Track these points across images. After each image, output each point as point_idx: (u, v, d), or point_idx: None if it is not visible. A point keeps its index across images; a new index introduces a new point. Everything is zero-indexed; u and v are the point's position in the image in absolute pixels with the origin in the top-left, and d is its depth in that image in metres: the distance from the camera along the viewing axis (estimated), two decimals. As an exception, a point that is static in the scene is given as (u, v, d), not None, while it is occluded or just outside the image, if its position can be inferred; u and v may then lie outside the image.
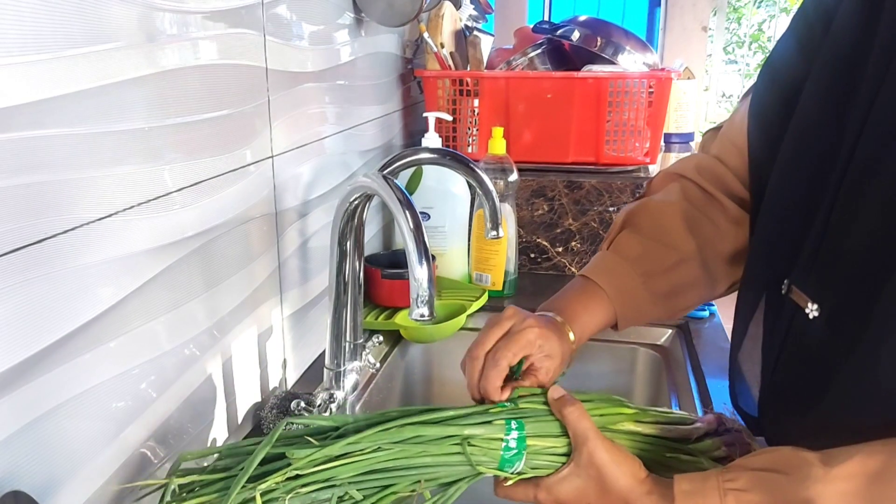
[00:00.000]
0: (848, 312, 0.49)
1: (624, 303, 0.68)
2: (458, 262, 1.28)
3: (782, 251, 0.57)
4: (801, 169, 0.56)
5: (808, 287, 0.53)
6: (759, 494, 0.47)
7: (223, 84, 0.71)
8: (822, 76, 0.56)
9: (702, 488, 0.50)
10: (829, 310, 0.51)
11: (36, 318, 0.49)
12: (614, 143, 1.36)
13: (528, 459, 0.58)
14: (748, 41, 5.71)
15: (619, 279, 0.69)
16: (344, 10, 1.05)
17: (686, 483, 0.51)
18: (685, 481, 0.51)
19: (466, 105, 1.41)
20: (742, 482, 0.48)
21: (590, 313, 0.68)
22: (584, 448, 0.56)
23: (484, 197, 0.83)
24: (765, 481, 0.48)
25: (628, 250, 0.70)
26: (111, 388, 0.58)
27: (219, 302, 0.73)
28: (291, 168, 0.89)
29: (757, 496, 0.47)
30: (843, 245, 0.50)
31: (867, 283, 0.47)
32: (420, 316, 0.61)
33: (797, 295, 0.54)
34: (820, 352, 0.51)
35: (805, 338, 0.53)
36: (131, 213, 0.58)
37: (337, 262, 0.78)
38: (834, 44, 0.54)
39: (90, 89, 0.53)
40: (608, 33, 1.38)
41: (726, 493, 0.48)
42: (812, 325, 0.52)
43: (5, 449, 0.48)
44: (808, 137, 0.57)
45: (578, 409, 0.57)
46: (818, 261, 0.52)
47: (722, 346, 1.08)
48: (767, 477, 0.48)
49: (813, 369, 0.51)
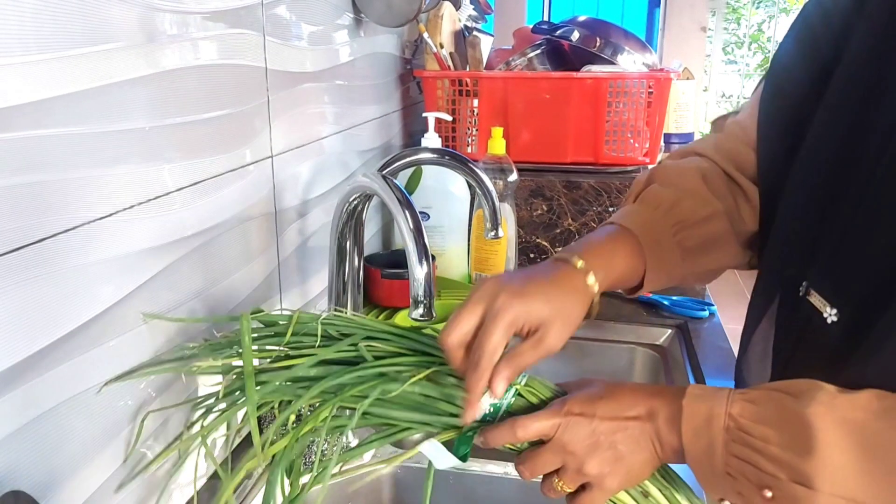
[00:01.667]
0: (867, 320, 0.48)
1: (654, 252, 0.63)
2: (457, 262, 1.28)
3: (801, 251, 0.56)
4: (822, 168, 0.56)
5: (826, 291, 0.52)
6: (762, 406, 0.48)
7: (223, 84, 0.71)
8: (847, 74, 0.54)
9: (713, 394, 0.51)
10: (848, 315, 0.50)
11: (36, 318, 0.49)
12: (613, 143, 1.36)
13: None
14: (747, 41, 5.72)
15: (651, 226, 0.63)
16: (343, 11, 1.05)
17: (697, 388, 0.52)
18: (697, 387, 0.52)
19: (466, 105, 1.41)
20: (753, 394, 0.49)
21: (619, 257, 0.62)
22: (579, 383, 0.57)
23: (483, 197, 0.83)
24: (773, 398, 0.48)
25: (658, 201, 0.65)
26: (111, 388, 0.58)
27: (218, 301, 0.73)
28: (291, 168, 0.89)
29: (760, 408, 0.48)
30: (864, 250, 0.49)
31: (888, 291, 0.46)
32: (420, 316, 0.61)
33: (815, 297, 0.53)
34: (835, 357, 0.50)
35: (820, 341, 0.52)
36: (131, 213, 0.58)
37: (336, 261, 0.78)
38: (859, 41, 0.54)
39: (90, 89, 0.53)
40: (607, 34, 1.38)
41: (733, 399, 0.49)
42: (829, 330, 0.51)
43: (5, 448, 0.48)
44: (829, 138, 0.56)
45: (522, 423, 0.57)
46: (838, 264, 0.52)
47: (721, 346, 1.08)
48: (778, 395, 0.49)
49: (826, 374, 0.50)
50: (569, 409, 0.54)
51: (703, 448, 0.50)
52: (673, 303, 1.20)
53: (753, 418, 0.48)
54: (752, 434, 0.48)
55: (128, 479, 0.61)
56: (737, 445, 0.48)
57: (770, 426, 0.47)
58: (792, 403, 0.47)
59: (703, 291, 1.30)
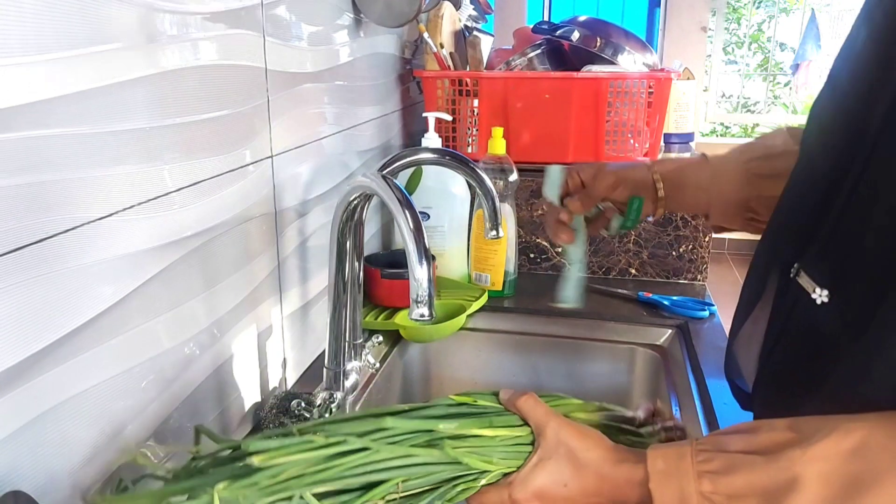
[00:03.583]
0: (856, 304, 0.48)
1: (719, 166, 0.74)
2: (457, 262, 1.28)
3: (797, 234, 0.56)
4: (826, 153, 0.55)
5: (817, 273, 0.52)
6: (736, 476, 0.47)
7: (223, 84, 0.71)
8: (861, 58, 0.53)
9: (676, 469, 0.49)
10: (837, 298, 0.49)
11: (36, 318, 0.49)
12: (614, 143, 1.36)
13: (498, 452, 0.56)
14: (748, 41, 5.72)
15: (723, 158, 0.74)
16: (343, 11, 1.05)
17: (661, 461, 0.50)
18: (659, 459, 0.50)
19: (466, 105, 1.41)
20: (717, 464, 0.48)
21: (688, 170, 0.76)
22: (547, 429, 0.55)
23: (484, 197, 0.83)
24: (741, 463, 0.47)
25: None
26: (111, 388, 0.58)
27: (218, 301, 0.74)
28: (291, 168, 0.89)
29: (734, 478, 0.47)
30: (857, 235, 0.48)
31: (878, 278, 0.46)
32: (420, 316, 0.61)
33: (805, 279, 0.53)
34: (822, 340, 0.50)
35: (808, 323, 0.52)
36: (131, 213, 0.58)
37: (336, 261, 0.78)
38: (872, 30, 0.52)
39: (91, 89, 0.53)
40: (608, 34, 1.38)
41: (701, 476, 0.48)
42: (817, 312, 0.50)
43: (5, 448, 0.48)
44: (835, 123, 0.55)
45: (531, 399, 0.58)
46: (830, 248, 0.51)
47: (721, 346, 1.08)
48: (743, 459, 0.47)
49: (812, 356, 0.50)
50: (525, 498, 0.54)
51: None
52: (673, 303, 1.20)
53: (728, 493, 0.47)
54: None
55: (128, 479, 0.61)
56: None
57: (746, 499, 0.46)
58: (766, 466, 0.46)
59: (703, 291, 1.30)
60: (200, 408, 0.72)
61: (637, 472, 0.51)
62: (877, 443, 0.42)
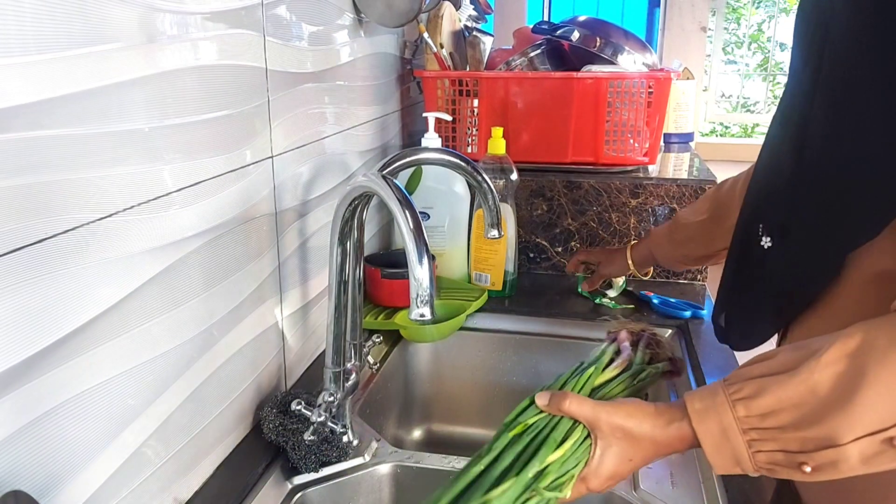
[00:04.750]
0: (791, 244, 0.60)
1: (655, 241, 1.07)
2: (457, 262, 1.28)
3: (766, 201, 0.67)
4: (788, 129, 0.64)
5: (767, 229, 0.64)
6: (765, 397, 0.52)
7: (223, 85, 0.71)
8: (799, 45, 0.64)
9: (713, 404, 0.55)
10: (784, 243, 0.61)
11: (36, 318, 0.49)
12: (613, 143, 1.36)
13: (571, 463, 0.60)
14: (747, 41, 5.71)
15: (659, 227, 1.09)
16: (343, 11, 1.05)
17: (697, 402, 0.56)
18: (696, 400, 0.56)
19: (466, 105, 1.41)
20: (747, 391, 0.53)
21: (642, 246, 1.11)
22: (599, 422, 0.60)
23: (483, 197, 0.83)
24: (767, 384, 0.52)
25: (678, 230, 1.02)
26: (111, 388, 0.58)
27: (218, 302, 0.74)
28: (291, 168, 0.89)
29: (764, 398, 0.52)
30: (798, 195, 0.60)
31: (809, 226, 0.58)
32: (420, 316, 0.61)
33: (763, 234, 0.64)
34: (767, 279, 0.63)
35: (756, 260, 0.64)
36: (131, 214, 0.58)
37: (337, 261, 0.78)
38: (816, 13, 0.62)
39: (90, 90, 0.53)
40: (607, 33, 1.38)
41: (735, 404, 0.53)
42: (765, 253, 0.63)
43: (5, 449, 0.48)
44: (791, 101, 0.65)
45: (574, 399, 0.61)
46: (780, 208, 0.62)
47: (721, 346, 1.08)
48: (768, 380, 0.52)
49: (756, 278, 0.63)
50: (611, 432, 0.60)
51: (729, 459, 0.54)
52: (673, 303, 1.20)
53: (761, 412, 0.52)
54: (768, 428, 0.52)
55: (128, 479, 0.61)
56: (758, 444, 0.52)
57: (779, 414, 0.51)
58: (790, 381, 0.51)
59: (703, 291, 1.30)
60: (200, 408, 0.72)
61: (684, 428, 0.57)
62: (873, 339, 0.49)
